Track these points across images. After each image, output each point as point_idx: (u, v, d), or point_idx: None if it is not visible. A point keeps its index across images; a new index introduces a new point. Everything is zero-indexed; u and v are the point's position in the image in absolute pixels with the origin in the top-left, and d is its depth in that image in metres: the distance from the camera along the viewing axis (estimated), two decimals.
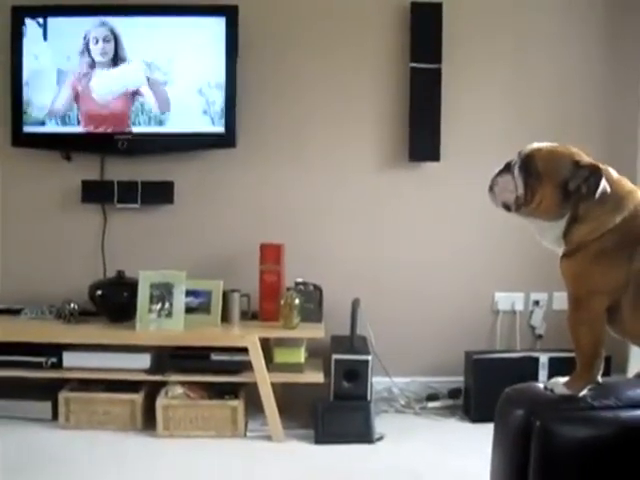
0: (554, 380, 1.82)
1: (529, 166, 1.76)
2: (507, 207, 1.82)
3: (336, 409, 3.22)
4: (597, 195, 1.69)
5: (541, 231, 1.84)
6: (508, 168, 1.80)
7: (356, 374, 3.26)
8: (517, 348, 3.65)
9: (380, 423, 3.27)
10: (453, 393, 3.59)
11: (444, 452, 3.07)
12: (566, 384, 1.77)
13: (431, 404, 3.56)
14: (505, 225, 3.61)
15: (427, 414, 3.51)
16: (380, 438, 3.17)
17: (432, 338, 3.67)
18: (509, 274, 3.69)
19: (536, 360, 3.44)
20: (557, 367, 3.39)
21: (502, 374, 3.34)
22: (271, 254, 3.43)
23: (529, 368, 3.42)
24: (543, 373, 3.42)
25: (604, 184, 1.70)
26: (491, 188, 1.84)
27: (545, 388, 1.82)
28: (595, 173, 1.71)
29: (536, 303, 3.69)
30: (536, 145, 1.80)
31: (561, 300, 3.65)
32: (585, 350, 1.76)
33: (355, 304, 3.42)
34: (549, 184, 1.73)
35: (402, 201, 3.68)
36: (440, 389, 3.63)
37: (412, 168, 3.64)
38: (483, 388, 3.37)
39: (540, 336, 3.69)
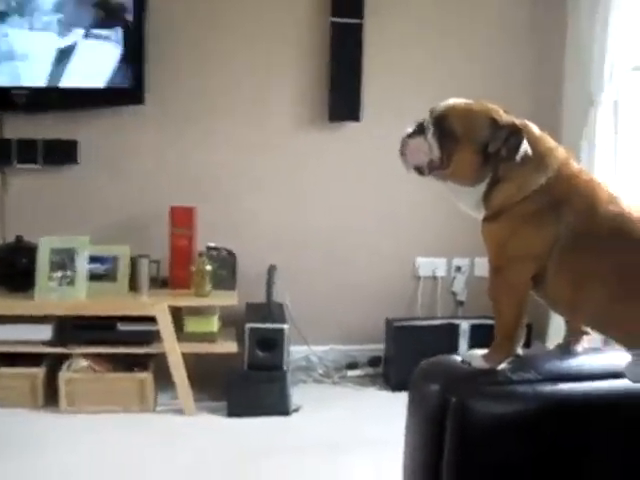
0: (471, 352, 1.71)
1: (443, 126, 1.61)
2: (420, 171, 1.68)
3: (250, 380, 3.08)
4: (518, 157, 1.57)
5: (459, 196, 1.70)
6: (421, 129, 1.64)
7: (272, 343, 3.12)
8: (438, 315, 3.57)
9: (298, 394, 3.16)
10: (373, 361, 3.50)
11: (362, 421, 2.98)
12: (484, 357, 1.66)
13: (351, 373, 3.46)
14: (428, 189, 3.52)
15: (346, 383, 3.41)
16: (297, 409, 3.05)
17: (352, 305, 3.55)
18: (431, 239, 3.59)
19: (457, 327, 3.37)
20: (478, 334, 3.34)
21: (423, 342, 3.28)
22: (182, 218, 3.23)
23: (450, 335, 3.35)
24: (464, 341, 3.36)
25: (525, 146, 1.58)
26: (402, 151, 1.68)
27: (462, 361, 1.70)
28: (515, 133, 1.58)
29: (458, 269, 3.62)
30: (451, 102, 1.65)
31: (483, 266, 3.56)
32: (506, 320, 1.65)
33: (271, 270, 3.28)
34: (466, 146, 1.59)
35: (321, 163, 3.52)
36: (360, 357, 3.53)
37: (332, 129, 3.48)
38: (403, 356, 3.29)
39: (461, 303, 3.63)
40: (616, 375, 1.67)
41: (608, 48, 3.00)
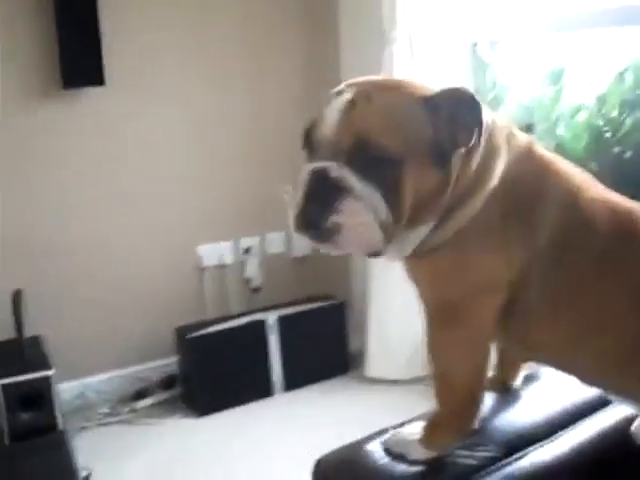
0: (400, 436, 1.17)
1: (370, 155, 0.97)
2: (375, 253, 1.02)
3: (16, 455, 2.26)
4: (485, 132, 1.01)
5: (409, 240, 1.06)
6: (334, 185, 0.96)
7: (36, 399, 2.31)
8: (232, 310, 2.97)
9: (82, 451, 2.40)
10: (167, 382, 2.84)
11: (174, 467, 2.35)
12: (424, 440, 1.13)
13: (142, 403, 2.76)
14: (198, 162, 2.89)
15: (140, 418, 2.70)
16: (87, 477, 2.31)
17: (128, 318, 2.83)
18: (210, 221, 2.96)
19: (262, 324, 2.81)
20: (288, 327, 2.83)
21: (226, 348, 2.71)
22: None
23: (256, 333, 2.79)
24: (274, 337, 2.82)
25: (483, 109, 1.01)
26: (325, 240, 0.99)
27: (388, 451, 1.16)
28: (460, 99, 1.01)
29: (247, 251, 3.03)
30: (348, 108, 0.99)
31: (276, 241, 3.08)
32: (461, 386, 1.10)
33: (17, 297, 2.44)
34: (413, 164, 0.99)
35: (57, 144, 2.67)
36: (149, 380, 2.84)
37: (69, 97, 2.65)
38: (204, 370, 2.69)
39: (257, 289, 3.07)
40: (583, 413, 1.25)
41: None
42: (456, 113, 1.00)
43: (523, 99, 2.67)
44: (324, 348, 2.93)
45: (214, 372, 2.69)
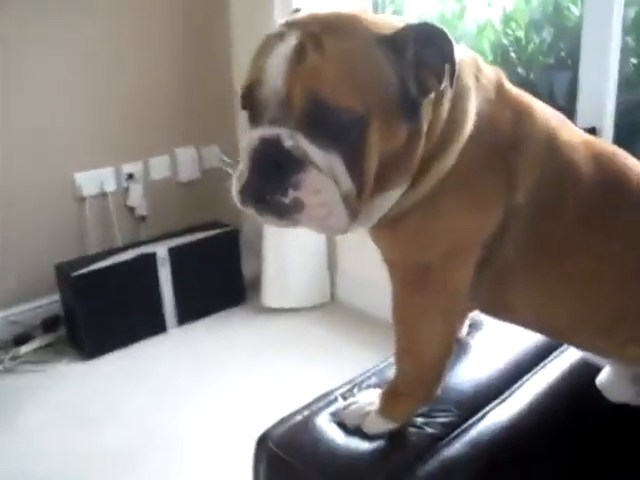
0: (355, 407, 1.07)
1: (324, 117, 0.81)
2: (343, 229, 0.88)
3: None
4: (456, 70, 0.86)
5: (375, 210, 0.94)
6: (287, 156, 0.82)
7: None
8: (117, 242, 2.76)
9: None
10: (49, 324, 2.61)
11: (61, 422, 2.19)
12: (382, 411, 1.04)
13: (24, 349, 2.52)
14: (73, 84, 2.59)
15: (23, 364, 2.48)
16: None
17: (2, 257, 2.55)
18: (89, 146, 2.69)
19: (152, 256, 2.62)
20: (179, 258, 2.66)
21: (113, 284, 2.52)
22: None
23: (145, 267, 2.61)
24: (165, 270, 2.65)
25: (454, 46, 0.87)
26: (281, 214, 0.85)
27: (341, 425, 1.06)
28: (431, 37, 0.86)
29: (130, 177, 2.79)
30: (295, 58, 0.82)
31: (160, 166, 2.86)
32: (430, 357, 1.01)
33: None
34: (380, 119, 0.84)
35: None
36: (30, 324, 2.60)
37: None
38: (91, 309, 2.49)
39: (143, 218, 2.85)
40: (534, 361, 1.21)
41: None
42: (424, 53, 0.86)
43: (425, 13, 2.55)
44: (218, 278, 2.79)
45: (101, 311, 2.50)
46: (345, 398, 1.10)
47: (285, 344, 2.62)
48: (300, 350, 2.55)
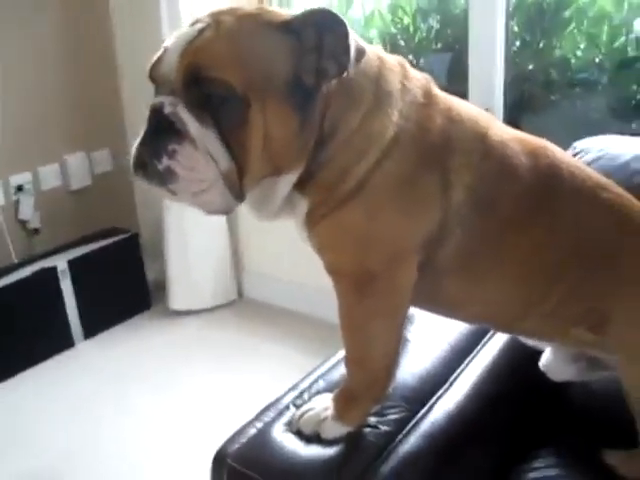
0: (310, 415, 1.07)
1: (201, 91, 0.85)
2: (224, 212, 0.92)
3: None
4: (352, 60, 0.88)
5: (265, 198, 0.96)
6: (169, 125, 0.85)
7: None
8: (12, 258, 2.63)
9: None
10: None
11: None
12: (337, 416, 1.05)
13: None
14: None
15: None
16: None
17: None
18: None
19: (53, 270, 2.52)
20: (80, 269, 2.57)
21: (11, 303, 2.42)
22: None
23: (46, 282, 2.50)
24: (67, 283, 2.55)
25: (354, 37, 0.89)
26: (157, 180, 0.88)
27: (298, 433, 1.06)
28: (326, 23, 0.87)
29: (20, 189, 2.66)
30: (192, 37, 0.87)
31: (50, 175, 2.73)
32: (380, 359, 1.02)
33: None
34: (264, 102, 0.86)
35: None
36: None
37: None
38: None
39: (36, 230, 2.72)
40: (470, 347, 1.26)
41: None
42: (320, 38, 0.88)
43: (309, 3, 2.55)
44: (122, 286, 2.72)
45: (2, 332, 2.38)
46: (297, 406, 1.11)
47: (197, 346, 2.60)
48: (213, 350, 2.54)
